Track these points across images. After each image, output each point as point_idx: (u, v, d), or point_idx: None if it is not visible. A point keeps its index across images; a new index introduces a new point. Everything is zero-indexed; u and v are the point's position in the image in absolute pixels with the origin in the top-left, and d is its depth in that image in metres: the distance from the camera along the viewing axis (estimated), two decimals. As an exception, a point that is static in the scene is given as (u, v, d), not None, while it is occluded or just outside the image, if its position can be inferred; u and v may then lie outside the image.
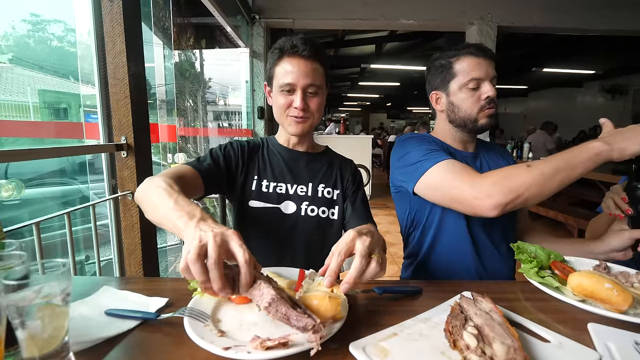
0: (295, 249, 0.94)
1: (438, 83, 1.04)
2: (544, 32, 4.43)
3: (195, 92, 3.91)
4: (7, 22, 1.90)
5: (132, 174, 1.32)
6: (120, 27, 1.25)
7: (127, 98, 1.27)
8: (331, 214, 0.98)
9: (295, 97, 0.90)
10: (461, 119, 1.00)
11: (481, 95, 0.96)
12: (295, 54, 0.89)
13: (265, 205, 0.93)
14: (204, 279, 0.46)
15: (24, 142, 1.68)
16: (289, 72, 0.88)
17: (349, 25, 4.30)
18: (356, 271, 0.53)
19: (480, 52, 0.97)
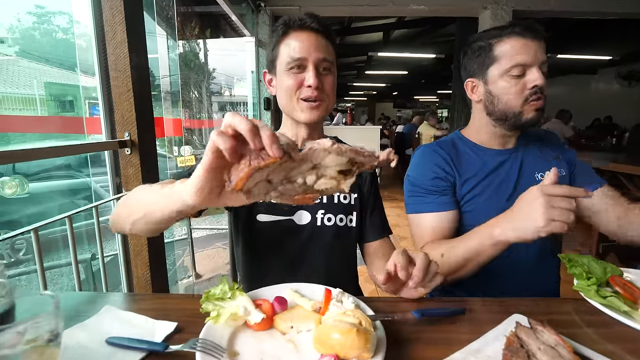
0: (312, 263, 0.85)
1: (475, 69, 0.92)
2: (560, 16, 4.22)
3: (200, 83, 3.83)
4: (13, 15, 1.84)
5: (136, 172, 1.25)
6: (121, 15, 1.17)
7: (129, 91, 1.19)
8: (349, 221, 0.88)
9: (307, 75, 0.78)
10: (501, 111, 0.88)
11: (526, 83, 0.83)
12: (303, 27, 0.78)
13: (275, 218, 0.84)
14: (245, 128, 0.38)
15: (26, 137, 1.62)
16: (298, 47, 0.77)
17: (357, 11, 4.14)
18: (423, 263, 0.59)
19: (528, 32, 0.83)
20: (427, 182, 0.92)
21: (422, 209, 0.91)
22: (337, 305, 0.54)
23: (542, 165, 0.93)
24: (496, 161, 0.93)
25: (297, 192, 0.41)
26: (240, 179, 0.37)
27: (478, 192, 0.91)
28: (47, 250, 2.07)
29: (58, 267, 1.92)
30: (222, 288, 0.55)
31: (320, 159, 0.40)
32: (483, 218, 0.90)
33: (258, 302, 0.55)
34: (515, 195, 0.90)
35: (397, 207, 4.67)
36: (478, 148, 0.96)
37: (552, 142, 1.00)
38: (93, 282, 1.84)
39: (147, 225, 0.56)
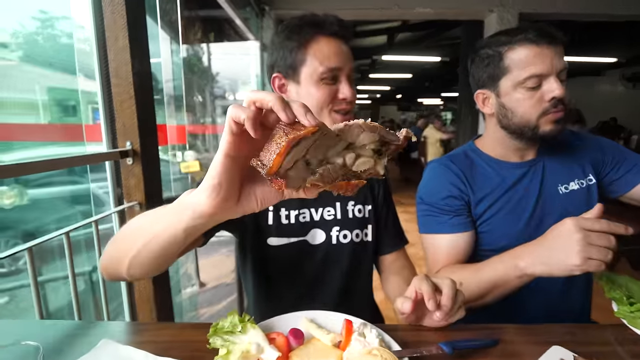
0: (329, 283, 0.80)
1: (485, 80, 0.84)
2: (568, 18, 4.16)
3: (204, 87, 3.80)
4: (16, 20, 1.81)
5: (139, 183, 1.20)
6: (123, 19, 1.12)
7: (131, 99, 1.14)
8: (365, 236, 0.83)
9: (341, 86, 0.73)
10: (517, 125, 0.80)
11: (544, 95, 0.76)
12: (332, 33, 0.72)
13: (288, 240, 0.78)
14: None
15: (25, 145, 1.58)
16: (333, 56, 0.71)
17: (362, 15, 4.11)
18: (452, 290, 0.54)
19: (543, 38, 0.74)
20: (440, 202, 0.85)
21: (436, 229, 0.85)
22: (360, 339, 0.49)
23: (565, 176, 0.86)
24: (515, 175, 0.86)
25: (338, 175, 0.37)
26: (279, 154, 0.32)
27: (495, 210, 0.85)
28: (46, 261, 2.02)
29: (56, 280, 1.87)
30: (231, 320, 0.49)
31: (355, 137, 0.37)
32: (501, 239, 0.84)
33: (272, 335, 0.50)
34: (538, 213, 0.83)
35: (404, 212, 4.60)
36: (494, 161, 0.88)
37: (574, 145, 0.91)
38: (92, 292, 1.78)
39: (149, 258, 0.48)
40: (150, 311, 1.25)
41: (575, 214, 0.84)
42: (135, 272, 0.51)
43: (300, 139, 0.33)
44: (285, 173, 0.35)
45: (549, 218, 0.84)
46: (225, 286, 2.78)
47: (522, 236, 0.83)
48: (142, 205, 1.18)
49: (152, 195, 1.22)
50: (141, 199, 1.18)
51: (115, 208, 1.14)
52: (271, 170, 0.33)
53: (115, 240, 0.54)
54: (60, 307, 1.87)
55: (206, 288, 2.75)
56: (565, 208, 0.84)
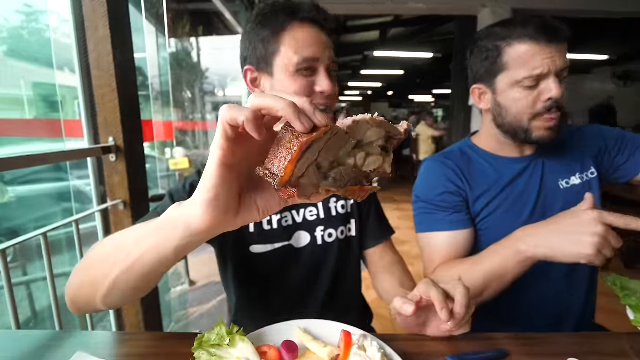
0: (316, 286, 0.77)
1: (482, 74, 0.80)
2: (562, 15, 4.18)
3: (193, 82, 3.72)
4: (0, 14, 1.74)
5: (122, 180, 1.14)
6: (103, 8, 1.06)
7: (114, 92, 1.08)
8: (348, 231, 0.81)
9: (318, 79, 0.66)
10: (510, 125, 0.77)
11: (540, 95, 0.72)
12: (308, 20, 0.65)
13: (272, 246, 0.74)
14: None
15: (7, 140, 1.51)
16: (307, 44, 0.64)
17: (354, 10, 4.05)
18: (466, 298, 0.50)
19: (544, 35, 0.70)
20: (437, 198, 0.82)
21: (433, 227, 0.82)
22: (360, 354, 0.45)
23: (566, 171, 0.84)
24: (514, 171, 0.83)
25: (350, 178, 0.34)
26: (290, 161, 0.28)
27: (494, 207, 0.82)
28: (30, 259, 1.95)
29: (40, 281, 1.80)
30: (218, 332, 0.45)
31: (364, 134, 0.34)
32: (501, 237, 0.81)
33: (263, 349, 0.46)
34: (539, 209, 0.80)
35: (397, 209, 4.60)
36: (492, 157, 0.86)
37: (574, 138, 0.88)
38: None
39: (132, 282, 0.41)
40: (136, 313, 1.20)
41: None
42: (113, 300, 0.44)
43: (312, 142, 0.29)
44: (297, 181, 0.31)
45: (551, 214, 0.81)
46: (215, 284, 2.73)
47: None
48: (126, 203, 1.13)
49: (137, 193, 1.16)
50: (125, 197, 1.13)
51: (98, 207, 1.08)
52: (283, 180, 0.29)
53: (84, 268, 0.47)
54: (48, 305, 1.81)
55: (196, 286, 2.70)
56: (567, 203, 0.82)
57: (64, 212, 2.00)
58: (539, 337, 0.56)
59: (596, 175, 0.85)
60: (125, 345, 0.53)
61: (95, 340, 0.54)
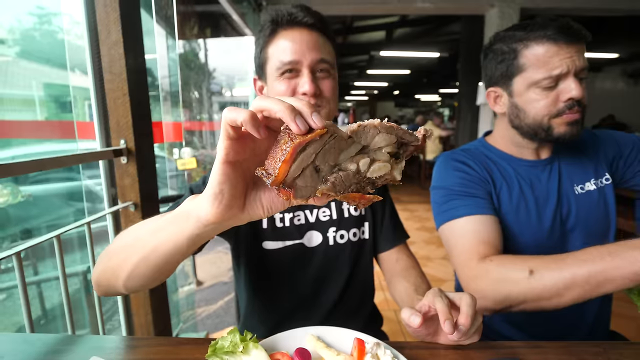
0: (328, 286, 0.77)
1: (498, 77, 0.79)
2: (570, 13, 4.12)
3: (201, 83, 3.74)
4: (13, 16, 1.77)
5: (133, 182, 1.15)
6: (116, 13, 1.07)
7: (125, 96, 1.10)
8: (362, 234, 0.81)
9: (300, 80, 0.67)
10: (529, 126, 0.76)
11: (560, 95, 0.71)
12: (294, 24, 0.67)
13: (283, 244, 0.75)
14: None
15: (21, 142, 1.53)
16: (289, 48, 0.66)
17: (361, 10, 4.05)
18: (472, 309, 0.49)
19: (562, 35, 0.69)
20: (459, 184, 0.79)
21: (457, 213, 0.76)
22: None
23: (581, 176, 0.83)
24: (531, 174, 0.82)
25: (351, 183, 0.34)
26: (284, 161, 0.30)
27: (514, 206, 0.80)
28: (40, 258, 1.97)
29: (52, 280, 1.83)
30: (232, 339, 0.46)
31: (370, 139, 0.33)
32: (522, 235, 0.79)
33: (276, 356, 0.46)
34: (559, 213, 0.79)
35: (404, 210, 4.58)
36: (510, 158, 0.84)
37: (589, 143, 0.87)
38: (87, 290, 1.74)
39: (150, 270, 0.45)
40: (145, 314, 1.22)
41: (589, 217, 0.81)
42: (133, 284, 0.47)
43: (306, 144, 0.30)
44: (292, 182, 0.31)
45: (568, 220, 0.81)
46: (222, 285, 2.75)
47: (542, 237, 0.80)
48: (137, 205, 1.14)
49: (147, 196, 1.17)
50: (136, 199, 1.14)
51: (109, 209, 1.10)
52: (277, 180, 0.30)
53: (108, 253, 0.50)
54: (59, 303, 1.84)
55: (203, 287, 2.72)
56: (582, 209, 0.81)
57: (75, 212, 2.02)
58: (554, 345, 0.56)
59: (610, 181, 0.84)
60: (138, 351, 0.54)
61: (109, 345, 0.55)
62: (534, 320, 0.69)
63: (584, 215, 0.81)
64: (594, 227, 0.81)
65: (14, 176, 0.80)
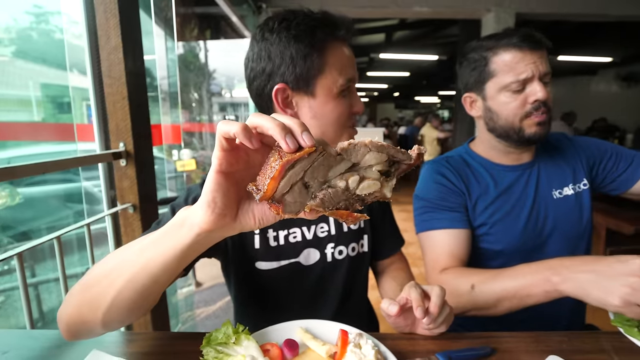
0: (324, 302, 0.76)
1: (472, 83, 0.85)
2: (564, 18, 4.19)
3: (200, 84, 3.77)
4: (10, 15, 1.78)
5: (132, 185, 1.18)
6: (116, 18, 1.10)
7: (124, 99, 1.12)
8: (361, 247, 0.79)
9: (354, 99, 0.66)
10: (502, 128, 0.81)
11: (527, 97, 0.77)
12: (343, 38, 0.64)
13: (278, 264, 0.71)
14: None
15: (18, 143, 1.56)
16: (349, 64, 0.64)
17: (360, 13, 4.09)
18: (440, 298, 0.53)
19: (526, 42, 0.76)
20: (437, 197, 0.85)
21: (434, 225, 0.84)
22: (355, 351, 0.48)
23: (559, 181, 0.87)
24: (509, 179, 0.86)
25: (340, 200, 0.35)
26: (273, 178, 0.31)
27: (490, 213, 0.85)
28: (38, 260, 1.99)
29: (51, 282, 1.85)
30: (225, 331, 0.48)
31: (360, 157, 0.34)
32: (498, 242, 0.83)
33: (266, 346, 0.49)
34: (534, 217, 0.83)
35: (402, 211, 4.61)
36: (489, 164, 0.89)
37: (568, 149, 0.91)
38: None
39: (135, 295, 0.43)
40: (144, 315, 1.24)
41: (566, 220, 0.85)
42: (114, 316, 0.44)
43: (295, 161, 0.31)
44: (281, 197, 0.33)
45: (545, 223, 0.85)
46: (221, 286, 2.76)
47: (519, 241, 0.83)
48: (135, 207, 1.17)
49: (146, 198, 1.20)
50: (135, 201, 1.17)
51: (108, 210, 1.12)
52: (265, 195, 0.32)
53: (84, 285, 0.46)
54: (56, 306, 1.85)
55: (202, 288, 2.74)
56: (559, 213, 0.85)
57: (74, 214, 2.04)
58: (525, 335, 0.60)
59: (588, 187, 0.87)
60: (137, 344, 0.57)
61: (108, 339, 0.58)
62: (513, 316, 0.72)
63: (561, 219, 0.85)
64: (571, 231, 0.85)
65: (15, 179, 0.82)
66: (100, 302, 0.43)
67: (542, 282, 0.62)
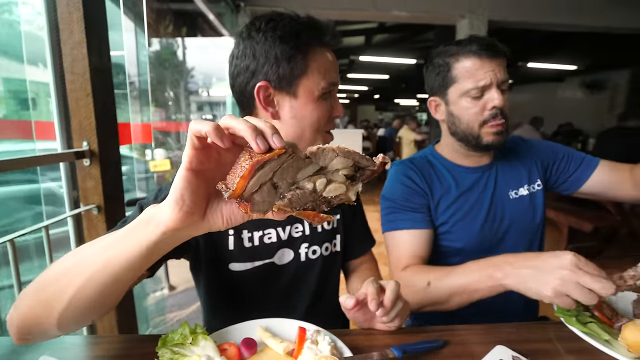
0: (297, 302, 0.77)
1: (436, 87, 0.89)
2: (533, 27, 4.38)
3: (177, 82, 3.68)
4: None
5: (97, 185, 1.14)
6: (79, 12, 1.06)
7: (88, 97, 1.08)
8: (334, 246, 0.80)
9: (335, 103, 0.68)
10: (463, 132, 0.85)
11: (486, 104, 0.80)
12: (328, 44, 0.66)
13: (253, 264, 0.71)
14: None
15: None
16: (332, 68, 0.65)
17: (339, 15, 4.13)
18: (393, 293, 0.55)
19: (485, 51, 0.79)
20: (402, 198, 0.88)
21: (398, 226, 0.87)
22: (312, 347, 0.48)
23: (516, 182, 0.91)
24: (470, 180, 0.90)
25: (307, 201, 0.36)
26: (242, 177, 0.32)
27: (451, 213, 0.88)
28: (1, 264, 1.87)
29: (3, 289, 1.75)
30: (182, 332, 0.48)
31: (328, 161, 0.36)
32: (458, 241, 0.87)
33: (223, 346, 0.49)
34: (491, 217, 0.88)
35: (377, 211, 4.65)
36: (451, 166, 0.92)
37: (525, 151, 0.96)
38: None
39: (95, 293, 0.41)
40: (110, 318, 1.20)
41: (521, 219, 0.89)
42: (71, 317, 0.43)
43: (265, 162, 0.32)
44: (250, 197, 0.34)
45: (502, 222, 0.89)
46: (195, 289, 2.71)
47: (477, 239, 0.87)
48: (100, 208, 1.13)
49: (112, 198, 1.16)
50: (99, 202, 1.13)
51: (70, 212, 1.08)
52: (234, 194, 0.33)
53: (40, 284, 0.44)
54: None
55: (176, 291, 2.67)
56: (515, 213, 0.89)
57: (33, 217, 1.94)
58: (477, 327, 0.63)
59: (541, 187, 0.92)
60: (89, 349, 0.55)
61: (61, 345, 0.55)
62: (468, 310, 0.74)
63: (517, 218, 0.89)
64: (526, 229, 0.90)
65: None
66: (57, 302, 0.42)
67: (486, 278, 0.66)
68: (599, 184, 0.89)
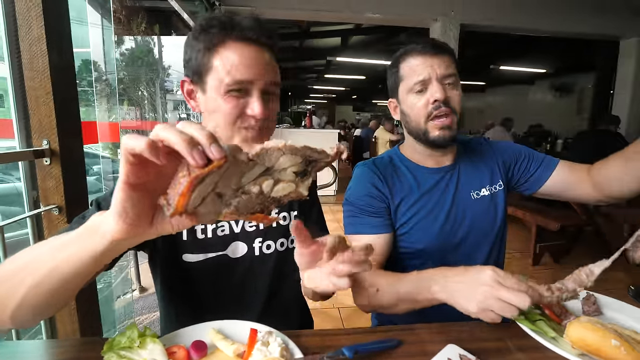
0: (252, 296, 0.76)
1: (392, 89, 0.93)
2: (502, 31, 4.57)
3: (151, 81, 3.59)
4: None
5: (58, 185, 1.10)
6: (38, 8, 1.02)
7: (48, 94, 1.05)
8: (290, 243, 0.80)
9: (251, 101, 0.63)
10: (414, 129, 0.87)
11: (429, 98, 0.82)
12: (244, 38, 0.62)
13: (205, 256, 0.71)
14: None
15: None
16: (240, 65, 0.61)
17: (314, 16, 4.15)
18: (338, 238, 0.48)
19: (428, 48, 0.82)
20: (362, 202, 0.88)
21: (358, 230, 0.88)
22: (262, 349, 0.49)
23: (477, 182, 0.92)
24: (432, 180, 0.91)
25: (255, 204, 0.35)
26: (181, 194, 0.30)
27: (412, 214, 0.89)
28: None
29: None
30: (129, 335, 0.48)
31: (274, 161, 0.34)
32: (418, 242, 0.88)
33: (172, 349, 0.49)
34: (452, 218, 0.89)
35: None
36: (413, 166, 0.93)
37: (487, 151, 0.98)
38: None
39: (47, 294, 0.41)
40: (72, 321, 1.17)
41: (482, 219, 0.91)
42: (23, 314, 0.43)
43: (204, 176, 0.30)
44: (194, 210, 0.32)
45: (462, 223, 0.90)
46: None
47: (437, 240, 0.88)
48: (61, 209, 1.10)
49: (74, 199, 1.13)
50: (60, 203, 1.10)
51: (29, 212, 1.05)
52: (176, 211, 0.31)
53: None
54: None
55: (148, 293, 2.61)
56: (476, 213, 0.90)
57: None
58: (433, 326, 0.65)
59: (503, 187, 0.94)
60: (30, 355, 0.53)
61: (5, 350, 0.54)
62: (429, 310, 0.73)
63: (477, 218, 0.90)
64: (486, 229, 0.92)
65: None
66: (9, 300, 0.42)
67: (424, 290, 0.67)
68: (559, 184, 0.91)
